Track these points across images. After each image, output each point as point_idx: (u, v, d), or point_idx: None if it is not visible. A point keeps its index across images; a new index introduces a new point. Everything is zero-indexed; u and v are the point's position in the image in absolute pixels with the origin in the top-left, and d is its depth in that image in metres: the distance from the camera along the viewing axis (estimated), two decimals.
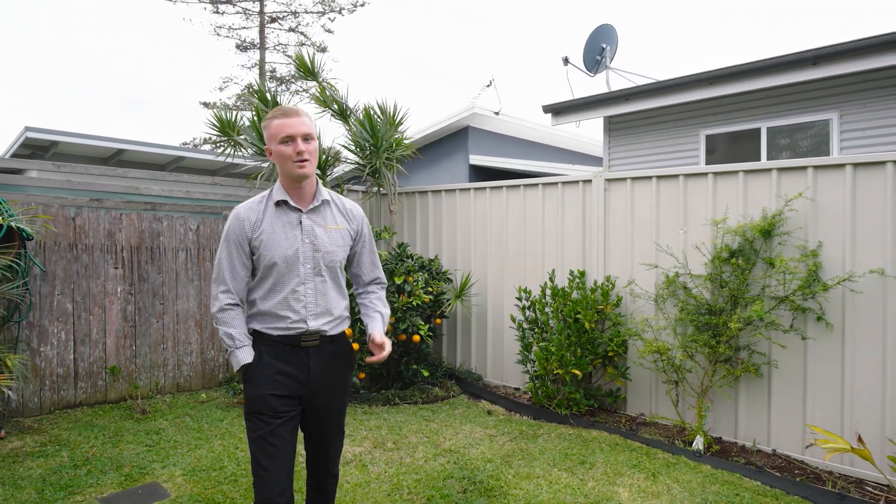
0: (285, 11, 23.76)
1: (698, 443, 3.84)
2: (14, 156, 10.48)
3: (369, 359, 2.17)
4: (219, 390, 5.36)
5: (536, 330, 4.79)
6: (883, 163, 3.47)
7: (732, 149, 6.60)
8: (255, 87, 23.18)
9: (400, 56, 44.22)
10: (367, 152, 5.76)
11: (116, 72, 37.26)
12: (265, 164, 5.77)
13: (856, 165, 3.57)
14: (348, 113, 5.94)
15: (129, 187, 5.06)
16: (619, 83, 8.05)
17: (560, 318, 4.59)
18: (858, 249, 3.55)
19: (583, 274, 4.77)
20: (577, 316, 4.48)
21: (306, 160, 2.05)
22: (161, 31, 33.74)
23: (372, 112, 5.68)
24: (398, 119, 5.84)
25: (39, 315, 4.48)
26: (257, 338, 2.15)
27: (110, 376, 4.79)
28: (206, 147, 21.40)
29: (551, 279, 4.83)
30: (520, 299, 4.88)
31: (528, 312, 4.85)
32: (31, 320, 4.45)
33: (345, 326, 2.26)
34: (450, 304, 5.37)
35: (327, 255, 2.14)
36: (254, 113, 5.74)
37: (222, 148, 5.97)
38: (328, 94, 5.88)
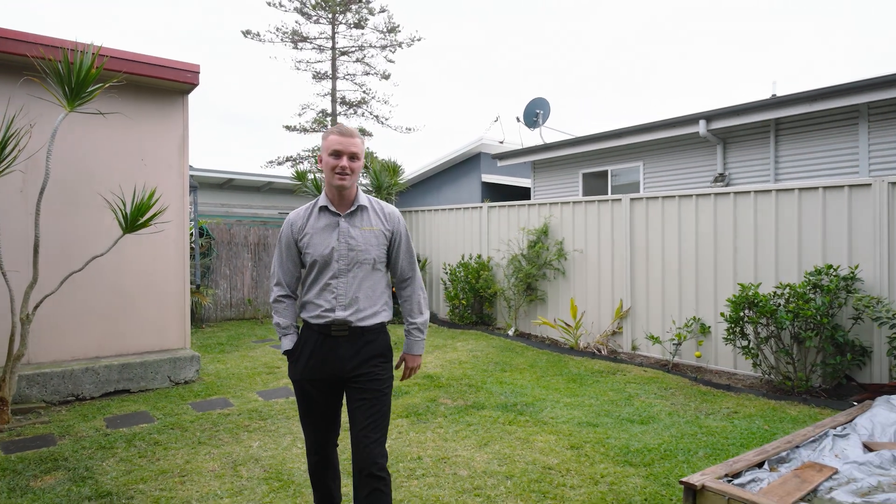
0: (353, 46, 28.68)
1: (510, 331, 8.21)
2: None
3: (402, 378, 2.64)
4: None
5: (453, 284, 9.25)
6: (587, 202, 7.70)
7: (596, 182, 10.73)
8: (328, 112, 27.75)
9: (445, 62, 49.52)
10: (375, 192, 10.40)
11: (216, 102, 44.52)
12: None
13: (574, 203, 7.81)
14: (369, 164, 10.62)
15: (253, 213, 9.99)
16: (551, 136, 12.29)
17: (461, 278, 9.05)
18: (576, 240, 7.79)
19: (479, 256, 9.17)
20: (468, 276, 8.91)
21: (347, 175, 2.32)
22: (253, 67, 40.51)
23: (377, 170, 10.32)
24: (397, 169, 10.44)
25: (216, 275, 9.45)
26: (305, 326, 2.44)
27: (247, 305, 9.74)
28: (287, 164, 26.84)
29: (462, 258, 9.28)
30: (444, 270, 9.38)
31: (450, 276, 9.32)
32: (213, 277, 9.42)
33: (379, 319, 2.43)
34: None
35: (361, 252, 2.38)
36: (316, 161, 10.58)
37: (297, 186, 10.82)
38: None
